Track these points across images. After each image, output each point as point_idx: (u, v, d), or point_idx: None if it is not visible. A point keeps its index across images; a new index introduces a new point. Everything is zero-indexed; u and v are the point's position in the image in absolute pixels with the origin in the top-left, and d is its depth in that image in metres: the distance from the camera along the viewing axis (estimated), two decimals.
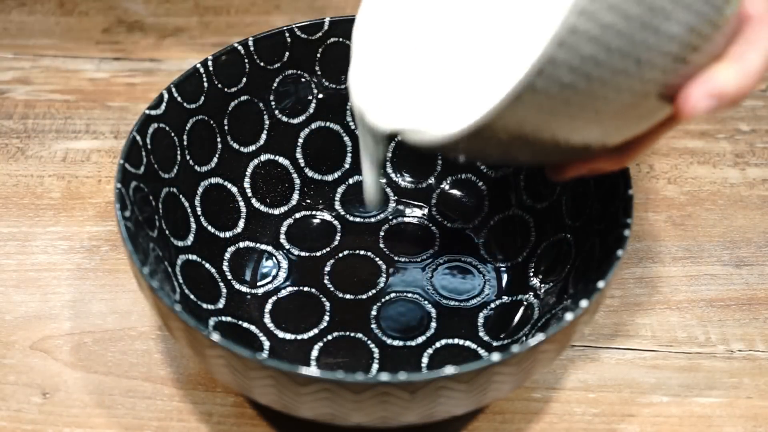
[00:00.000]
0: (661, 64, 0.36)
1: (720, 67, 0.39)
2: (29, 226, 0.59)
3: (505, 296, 0.53)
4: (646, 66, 0.35)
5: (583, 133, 0.38)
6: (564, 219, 0.52)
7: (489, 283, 0.54)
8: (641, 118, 0.39)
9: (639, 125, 0.40)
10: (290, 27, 0.55)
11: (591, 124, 0.37)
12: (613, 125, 0.38)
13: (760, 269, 0.57)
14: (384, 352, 0.51)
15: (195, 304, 0.49)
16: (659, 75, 0.36)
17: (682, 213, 0.60)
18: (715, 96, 0.39)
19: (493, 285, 0.54)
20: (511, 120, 0.34)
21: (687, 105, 0.39)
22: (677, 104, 0.39)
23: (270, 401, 0.43)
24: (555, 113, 0.35)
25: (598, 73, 0.33)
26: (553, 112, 0.34)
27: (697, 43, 0.36)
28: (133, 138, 0.48)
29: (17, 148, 0.64)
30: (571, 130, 0.37)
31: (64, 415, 0.50)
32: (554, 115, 0.35)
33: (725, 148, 0.64)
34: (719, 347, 0.53)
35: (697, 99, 0.38)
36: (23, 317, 0.54)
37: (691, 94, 0.39)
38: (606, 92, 0.35)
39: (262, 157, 0.57)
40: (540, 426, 0.50)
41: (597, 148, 0.40)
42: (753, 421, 0.50)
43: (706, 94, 0.39)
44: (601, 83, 0.34)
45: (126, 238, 0.44)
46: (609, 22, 0.32)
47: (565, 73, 0.33)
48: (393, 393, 0.39)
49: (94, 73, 0.69)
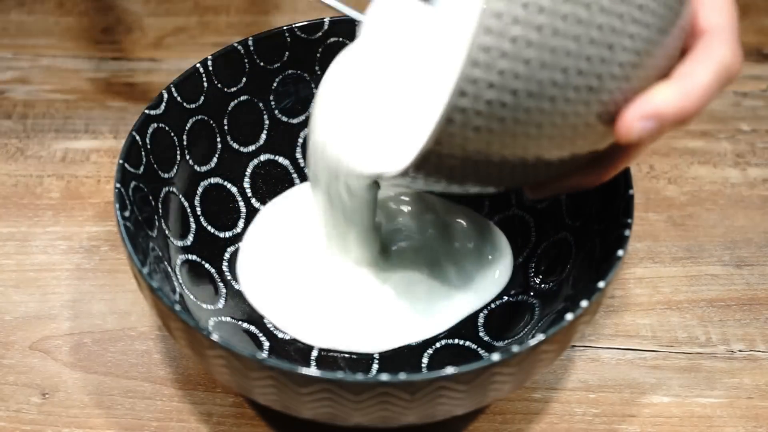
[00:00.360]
0: (578, 97, 0.36)
1: (660, 86, 0.37)
2: (28, 226, 0.59)
3: (505, 296, 0.53)
4: (560, 101, 0.36)
5: (537, 158, 0.38)
6: (564, 219, 0.52)
7: None
8: (596, 141, 0.39)
9: (597, 145, 0.39)
10: (290, 27, 0.55)
11: (538, 150, 0.38)
12: (566, 150, 0.38)
13: (760, 269, 0.57)
14: (384, 353, 0.51)
15: (195, 304, 0.49)
16: (581, 107, 0.36)
17: (683, 213, 0.60)
18: (651, 117, 0.37)
19: None
20: (448, 154, 0.37)
21: (622, 128, 0.37)
22: (615, 128, 0.37)
23: (270, 401, 0.43)
24: (489, 145, 0.37)
25: (510, 113, 0.35)
26: (487, 145, 0.37)
27: (620, 72, 0.36)
28: (133, 138, 0.48)
29: (16, 148, 0.63)
30: (519, 156, 0.38)
31: (64, 416, 0.50)
32: (491, 146, 0.37)
33: (726, 148, 0.64)
34: (720, 347, 0.53)
35: (632, 121, 0.37)
36: (23, 317, 0.54)
37: (625, 117, 0.37)
38: (527, 128, 0.36)
39: (261, 157, 0.57)
40: (540, 426, 0.50)
41: (564, 168, 0.40)
42: (754, 421, 0.50)
43: (641, 116, 0.37)
44: (516, 122, 0.36)
45: (125, 238, 0.44)
46: (506, 68, 0.34)
47: (474, 118, 0.35)
48: (393, 393, 0.39)
49: (94, 73, 0.69)
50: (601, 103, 0.36)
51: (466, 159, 0.37)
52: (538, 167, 0.39)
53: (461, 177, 0.39)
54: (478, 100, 0.35)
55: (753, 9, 0.74)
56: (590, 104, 0.36)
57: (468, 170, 0.38)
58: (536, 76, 0.35)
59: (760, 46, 0.71)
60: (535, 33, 0.34)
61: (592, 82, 0.36)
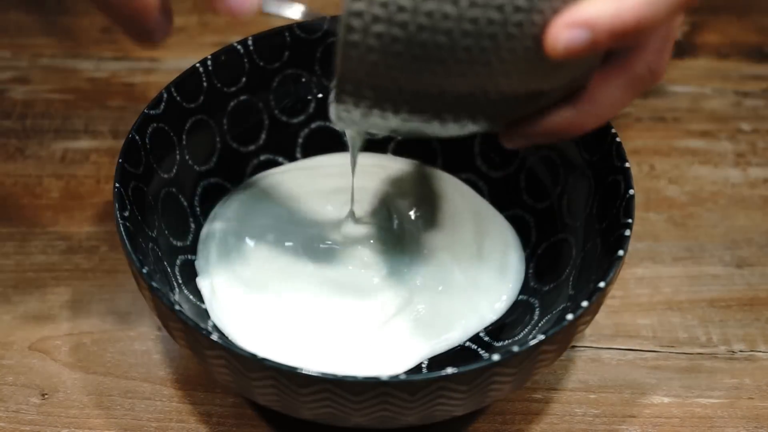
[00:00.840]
0: (486, 15, 0.34)
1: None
2: (28, 226, 0.59)
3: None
4: (465, 22, 0.35)
5: (474, 87, 0.37)
6: (564, 219, 0.52)
7: None
8: (535, 70, 0.37)
9: (541, 75, 0.37)
10: (290, 27, 0.54)
11: (467, 79, 0.36)
12: (504, 81, 0.37)
13: (761, 269, 0.57)
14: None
15: (195, 305, 0.49)
16: (497, 27, 0.34)
17: (683, 213, 0.60)
18: (580, 26, 0.33)
19: None
20: (362, 81, 0.37)
21: (548, 40, 0.34)
22: (543, 45, 0.34)
23: (270, 402, 0.43)
24: (397, 67, 0.36)
25: (404, 36, 0.35)
26: (394, 66, 0.36)
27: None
28: (132, 138, 0.48)
29: (16, 148, 0.63)
30: (443, 82, 0.37)
31: (63, 416, 0.50)
32: (401, 68, 0.36)
33: (727, 148, 0.64)
34: (721, 348, 0.53)
35: (558, 31, 0.33)
36: (22, 317, 0.54)
37: (551, 27, 0.34)
38: (433, 51, 0.35)
39: (261, 157, 0.57)
40: (540, 427, 0.49)
41: (522, 106, 0.39)
42: (754, 422, 0.50)
43: (568, 24, 0.33)
44: (422, 45, 0.35)
45: (125, 239, 0.44)
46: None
47: (366, 52, 0.36)
48: (393, 393, 0.39)
49: (93, 73, 0.69)
50: (510, 38, 0.34)
51: (381, 78, 0.37)
52: (471, 102, 0.38)
53: (391, 100, 0.38)
54: (367, 34, 0.35)
55: (753, 9, 0.74)
56: (496, 37, 0.35)
57: (393, 90, 0.38)
58: (422, 7, 0.34)
59: (760, 46, 0.71)
60: None
61: (491, 15, 0.34)
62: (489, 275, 0.52)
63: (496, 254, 0.53)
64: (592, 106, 0.39)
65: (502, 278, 0.52)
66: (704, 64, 0.70)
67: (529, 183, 0.55)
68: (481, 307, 0.51)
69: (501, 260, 0.52)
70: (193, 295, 0.50)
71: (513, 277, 0.52)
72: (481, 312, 0.51)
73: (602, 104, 0.39)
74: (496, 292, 0.51)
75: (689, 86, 0.68)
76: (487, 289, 0.51)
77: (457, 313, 0.50)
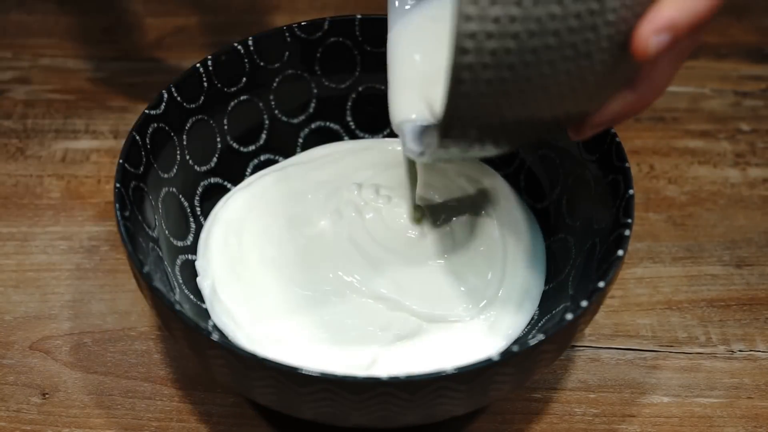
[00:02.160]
0: (582, 24, 0.35)
1: (661, 1, 0.37)
2: (29, 226, 0.59)
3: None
4: (564, 33, 0.35)
5: (562, 96, 0.38)
6: (564, 219, 0.52)
7: None
8: (616, 65, 0.38)
9: (620, 69, 0.39)
10: (290, 27, 0.55)
11: (559, 87, 0.37)
12: (589, 81, 0.38)
13: (761, 269, 0.57)
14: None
15: (195, 305, 0.49)
16: (589, 33, 0.36)
17: (683, 213, 0.60)
18: (665, 30, 0.37)
19: None
20: (470, 116, 0.37)
21: (638, 47, 0.37)
22: (632, 48, 0.37)
23: (270, 401, 0.43)
24: (507, 95, 0.36)
25: (517, 58, 0.35)
26: (505, 96, 0.36)
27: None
28: (133, 138, 0.48)
29: (17, 148, 0.63)
30: (542, 98, 0.37)
31: (64, 416, 0.50)
32: (509, 96, 0.36)
33: (726, 148, 0.64)
34: (720, 347, 0.53)
35: (647, 38, 0.36)
36: (22, 317, 0.54)
37: (640, 35, 0.37)
38: (539, 68, 0.36)
39: (261, 157, 0.57)
40: (540, 426, 0.50)
41: (595, 101, 0.40)
42: (754, 421, 0.50)
43: (654, 31, 0.37)
44: (527, 64, 0.35)
45: (125, 238, 0.44)
46: (500, 14, 0.34)
47: (482, 71, 0.35)
48: (393, 393, 0.39)
49: (94, 73, 0.69)
50: (608, 24, 0.36)
51: (490, 114, 0.37)
52: (567, 105, 0.39)
53: (493, 134, 0.38)
54: (480, 52, 0.34)
55: (753, 9, 0.74)
56: (597, 28, 0.36)
57: (497, 125, 0.38)
58: (532, 13, 0.34)
59: (760, 46, 0.71)
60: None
61: (592, 6, 0.35)
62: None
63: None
64: (650, 86, 0.41)
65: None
66: (704, 65, 0.70)
67: (528, 183, 0.55)
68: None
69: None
70: (193, 295, 0.50)
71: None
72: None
73: (658, 81, 0.41)
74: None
75: (689, 86, 0.68)
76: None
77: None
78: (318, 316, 0.49)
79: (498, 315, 0.49)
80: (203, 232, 0.53)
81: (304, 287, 0.50)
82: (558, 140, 0.52)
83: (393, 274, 0.50)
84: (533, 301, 0.50)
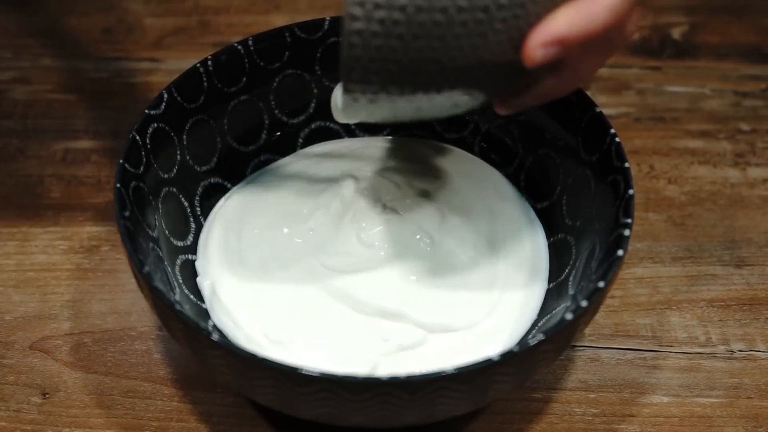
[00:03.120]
0: (472, 4, 0.37)
1: (560, 10, 0.37)
2: (29, 226, 0.59)
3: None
4: (453, 11, 0.37)
5: (463, 68, 0.40)
6: (564, 219, 0.52)
7: None
8: (517, 51, 0.39)
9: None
10: (290, 27, 0.55)
11: (455, 61, 0.39)
12: (489, 64, 0.39)
13: (760, 269, 0.57)
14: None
15: (195, 305, 0.49)
16: (480, 13, 0.37)
17: (683, 213, 0.60)
18: (552, 44, 0.37)
19: None
20: (364, 48, 0.39)
21: (526, 56, 0.37)
22: (521, 55, 0.38)
23: (270, 401, 0.43)
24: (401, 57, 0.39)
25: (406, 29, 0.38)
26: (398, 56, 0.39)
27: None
28: (133, 138, 0.48)
29: (17, 148, 0.63)
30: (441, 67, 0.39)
31: (64, 416, 0.50)
32: (404, 58, 0.39)
33: (726, 148, 0.64)
34: (720, 347, 0.53)
35: (533, 50, 0.37)
36: (23, 317, 0.54)
37: (527, 46, 0.37)
38: (430, 41, 0.38)
39: (262, 157, 0.57)
40: (540, 426, 0.50)
41: (510, 80, 0.41)
42: (753, 421, 0.50)
43: (542, 43, 0.37)
44: (416, 36, 0.38)
45: (125, 238, 0.44)
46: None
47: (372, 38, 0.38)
48: (393, 393, 0.39)
49: (94, 73, 0.69)
50: (501, 8, 0.37)
51: (386, 59, 0.39)
52: (472, 77, 0.40)
53: (395, 85, 0.40)
54: (370, 20, 0.37)
55: (752, 9, 0.74)
56: (489, 10, 0.37)
57: (395, 72, 0.39)
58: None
59: (759, 46, 0.71)
60: None
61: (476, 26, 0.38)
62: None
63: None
64: (573, 73, 0.42)
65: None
66: (703, 65, 0.70)
67: (528, 183, 0.55)
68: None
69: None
70: (193, 295, 0.50)
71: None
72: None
73: (581, 71, 0.42)
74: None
75: (688, 86, 0.68)
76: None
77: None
78: (318, 318, 0.49)
79: (500, 321, 0.49)
80: (203, 232, 0.53)
81: (304, 287, 0.50)
82: (558, 140, 0.52)
83: (393, 280, 0.50)
84: (535, 304, 0.50)
